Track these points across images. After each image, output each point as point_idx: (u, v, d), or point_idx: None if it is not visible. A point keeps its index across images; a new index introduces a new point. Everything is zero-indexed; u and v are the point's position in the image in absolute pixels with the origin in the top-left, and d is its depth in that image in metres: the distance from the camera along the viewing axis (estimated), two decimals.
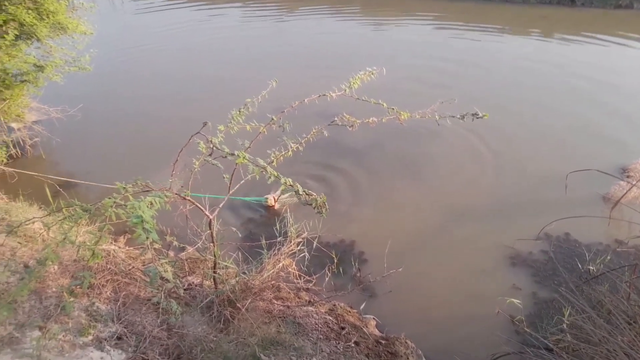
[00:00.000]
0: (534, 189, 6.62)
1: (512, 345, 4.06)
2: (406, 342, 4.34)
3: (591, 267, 4.93)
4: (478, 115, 3.59)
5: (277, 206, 6.27)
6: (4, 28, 6.02)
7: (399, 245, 5.48)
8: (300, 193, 3.01)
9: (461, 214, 6.18)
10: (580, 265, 5.05)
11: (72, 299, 2.60)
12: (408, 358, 4.18)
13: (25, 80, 6.83)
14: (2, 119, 7.10)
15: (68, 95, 8.77)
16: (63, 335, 3.19)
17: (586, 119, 8.51)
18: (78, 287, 2.45)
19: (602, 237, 5.58)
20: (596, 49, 12.51)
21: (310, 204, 3.12)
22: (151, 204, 2.54)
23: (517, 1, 17.17)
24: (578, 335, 3.45)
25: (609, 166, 6.66)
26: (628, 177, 6.62)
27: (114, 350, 3.26)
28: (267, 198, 6.20)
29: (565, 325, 3.81)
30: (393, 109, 3.74)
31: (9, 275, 3.57)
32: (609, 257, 5.00)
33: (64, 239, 2.62)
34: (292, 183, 3.00)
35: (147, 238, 2.24)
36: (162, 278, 2.67)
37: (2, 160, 6.78)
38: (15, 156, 7.44)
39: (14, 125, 7.62)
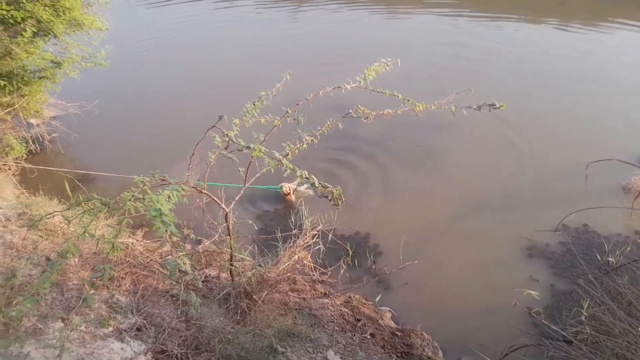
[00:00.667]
0: (552, 179, 6.51)
1: (529, 338, 4.03)
2: (422, 334, 4.34)
3: (610, 259, 4.85)
4: (495, 105, 3.54)
5: (292, 197, 6.31)
6: (22, 25, 6.09)
7: (415, 237, 5.47)
8: (317, 185, 3.02)
9: (478, 205, 6.13)
10: (599, 257, 4.97)
11: (92, 291, 2.65)
12: (424, 350, 4.18)
13: (43, 77, 6.93)
14: (21, 115, 7.22)
15: (85, 91, 8.89)
16: (84, 327, 3.26)
17: (606, 109, 8.33)
18: (98, 279, 2.50)
19: (621, 229, 5.49)
20: (616, 36, 12.20)
21: (327, 196, 3.13)
22: (169, 197, 2.57)
23: None
24: (597, 327, 3.40)
25: (630, 156, 6.53)
26: None
27: (133, 341, 3.32)
28: (282, 186, 6.25)
29: (584, 318, 3.76)
30: (408, 100, 3.70)
31: (31, 268, 3.65)
32: (629, 249, 4.92)
33: (84, 232, 2.66)
34: (307, 175, 3.00)
35: (166, 231, 2.27)
36: (180, 271, 2.70)
37: (22, 156, 6.90)
38: (34, 152, 7.58)
39: (32, 121, 7.75)
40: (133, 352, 3.20)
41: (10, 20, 6.00)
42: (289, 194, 6.28)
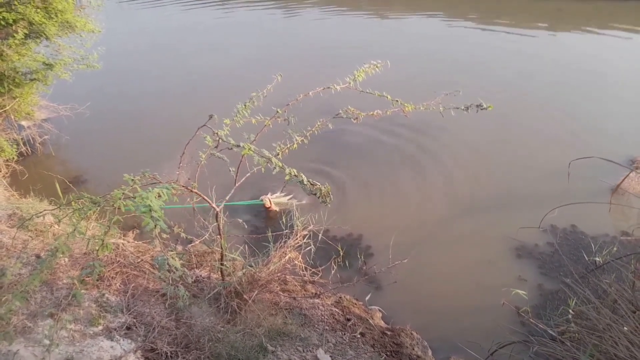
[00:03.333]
0: (541, 181, 6.60)
1: (517, 336, 4.07)
2: (412, 333, 4.37)
3: (597, 259, 4.91)
4: (482, 106, 3.60)
5: (273, 207, 6.22)
6: (13, 27, 6.09)
7: (405, 237, 5.52)
8: (305, 183, 3.05)
9: (468, 206, 6.20)
10: (586, 257, 5.04)
11: (82, 288, 2.66)
12: (413, 349, 4.21)
13: (35, 79, 6.92)
14: (12, 117, 7.21)
15: (77, 93, 8.88)
16: (74, 325, 3.26)
17: (595, 112, 8.49)
18: (88, 276, 2.51)
19: (608, 229, 5.57)
20: (609, 40, 12.41)
21: (315, 194, 3.16)
22: (159, 195, 2.59)
23: None
24: (583, 324, 3.45)
25: (617, 157, 6.64)
26: (637, 168, 6.59)
27: (123, 340, 3.33)
28: (262, 199, 6.17)
29: (570, 316, 3.82)
30: (397, 101, 3.75)
31: (20, 267, 3.65)
32: (615, 249, 4.99)
33: (74, 230, 2.67)
34: (296, 173, 3.04)
35: (155, 226, 2.29)
36: (170, 267, 2.72)
37: (13, 158, 6.89)
38: (25, 154, 7.56)
39: (24, 123, 7.74)
40: (123, 351, 3.20)
41: (2, 22, 6.00)
42: (270, 206, 6.19)
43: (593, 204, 5.53)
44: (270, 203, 6.19)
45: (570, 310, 3.85)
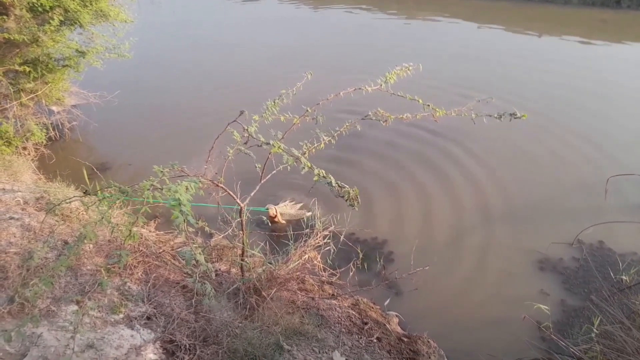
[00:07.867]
0: (571, 195, 6.43)
1: (537, 352, 3.99)
2: (429, 342, 4.30)
3: (624, 277, 4.78)
4: (516, 115, 3.51)
5: (279, 219, 5.87)
6: (49, 14, 6.21)
7: (428, 243, 5.47)
8: (333, 185, 3.02)
9: (493, 216, 6.07)
10: (612, 275, 4.90)
11: (107, 276, 2.69)
12: (430, 357, 4.15)
13: (67, 65, 7.04)
14: (43, 102, 7.34)
15: (106, 81, 9.02)
16: (96, 312, 3.30)
17: (631, 125, 8.28)
18: (115, 264, 2.53)
19: (637, 248, 5.40)
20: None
21: (343, 197, 3.13)
22: (187, 188, 2.59)
23: (558, 2, 16.72)
24: (609, 344, 3.35)
25: None
26: None
27: (143, 330, 3.35)
28: (268, 208, 5.79)
29: (593, 335, 3.71)
30: (428, 105, 3.70)
31: (47, 251, 3.71)
32: None
33: (102, 218, 2.70)
34: (325, 174, 3.01)
35: (184, 220, 2.29)
36: (194, 265, 2.73)
37: (42, 142, 7.03)
38: (54, 138, 7.71)
39: (54, 108, 7.88)
40: (142, 340, 3.23)
41: (40, 8, 6.12)
42: (275, 216, 5.79)
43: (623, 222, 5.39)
44: (277, 212, 5.81)
45: (595, 329, 3.75)
